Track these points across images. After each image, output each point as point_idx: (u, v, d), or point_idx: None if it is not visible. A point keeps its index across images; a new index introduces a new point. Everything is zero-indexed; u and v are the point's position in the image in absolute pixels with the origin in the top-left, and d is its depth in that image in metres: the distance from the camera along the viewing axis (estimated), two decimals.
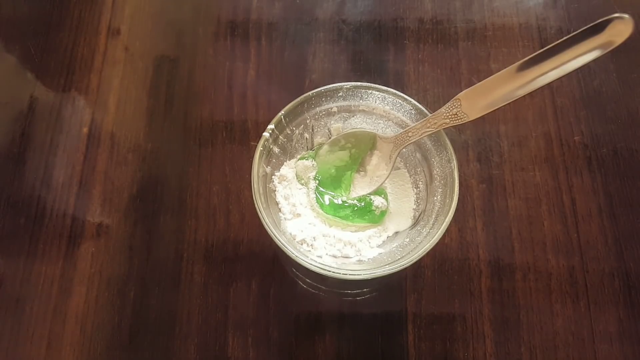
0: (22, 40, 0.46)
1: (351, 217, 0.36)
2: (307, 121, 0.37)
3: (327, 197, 0.36)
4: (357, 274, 0.30)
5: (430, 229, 0.33)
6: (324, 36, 0.46)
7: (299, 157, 0.37)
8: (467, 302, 0.37)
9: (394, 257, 0.32)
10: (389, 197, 0.37)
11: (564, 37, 0.26)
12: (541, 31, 0.46)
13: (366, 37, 0.46)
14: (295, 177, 0.37)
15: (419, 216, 0.35)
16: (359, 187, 0.37)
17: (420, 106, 0.34)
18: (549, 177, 0.40)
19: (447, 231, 0.36)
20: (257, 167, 0.33)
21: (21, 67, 0.45)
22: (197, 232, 0.39)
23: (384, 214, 0.36)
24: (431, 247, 0.30)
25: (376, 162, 0.37)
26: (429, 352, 0.35)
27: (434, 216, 0.33)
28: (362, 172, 0.38)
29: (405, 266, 0.30)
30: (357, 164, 0.38)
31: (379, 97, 0.36)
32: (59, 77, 0.45)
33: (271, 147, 0.35)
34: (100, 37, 0.46)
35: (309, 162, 0.37)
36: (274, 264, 0.38)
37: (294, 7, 0.47)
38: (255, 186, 0.32)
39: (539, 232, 0.39)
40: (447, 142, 0.33)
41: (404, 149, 0.36)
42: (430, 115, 0.33)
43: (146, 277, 0.38)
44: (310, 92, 0.35)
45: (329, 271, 0.30)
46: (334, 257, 0.34)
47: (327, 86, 0.35)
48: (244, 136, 0.42)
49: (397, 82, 0.44)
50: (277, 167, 0.36)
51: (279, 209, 0.35)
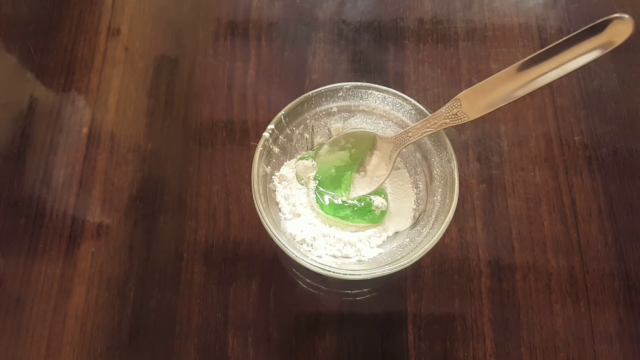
0: (22, 40, 0.46)
1: (351, 217, 0.36)
2: (307, 121, 0.37)
3: (327, 197, 0.36)
4: (357, 274, 0.30)
5: (430, 229, 0.33)
6: (324, 36, 0.46)
7: (299, 157, 0.37)
8: (467, 302, 0.37)
9: (394, 257, 0.32)
10: (389, 197, 0.37)
11: (564, 37, 0.26)
12: (541, 31, 0.46)
13: (366, 37, 0.46)
14: (295, 177, 0.37)
15: (419, 216, 0.36)
16: (359, 187, 0.37)
17: (420, 106, 0.34)
18: (549, 177, 0.40)
19: (447, 231, 0.36)
20: (257, 167, 0.33)
21: (21, 67, 0.45)
22: (197, 232, 0.39)
23: (384, 214, 0.36)
24: (431, 247, 0.30)
25: (376, 162, 0.37)
26: (429, 352, 0.35)
27: (434, 216, 0.33)
28: (362, 172, 0.38)
29: (405, 266, 0.30)
30: (357, 164, 0.38)
31: (379, 97, 0.36)
32: (59, 77, 0.45)
33: (271, 147, 0.35)
34: (100, 37, 0.46)
35: (309, 162, 0.37)
36: (274, 264, 0.38)
37: (294, 7, 0.47)
38: (255, 186, 0.32)
39: (539, 232, 0.39)
40: (447, 142, 0.33)
41: (404, 149, 0.36)
42: (430, 115, 0.33)
43: (146, 277, 0.38)
44: (310, 92, 0.35)
45: (329, 271, 0.30)
46: (334, 257, 0.34)
47: (327, 86, 0.35)
48: (244, 136, 0.42)
49: (397, 82, 0.44)
50: (277, 167, 0.36)
51: (279, 209, 0.35)
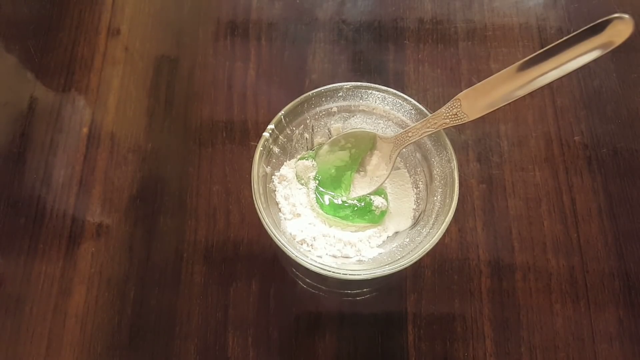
0: (22, 40, 0.46)
1: (351, 217, 0.36)
2: (307, 121, 0.36)
3: (327, 197, 0.36)
4: (357, 274, 0.30)
5: (430, 229, 0.33)
6: (324, 36, 0.46)
7: (299, 157, 0.37)
8: (467, 302, 0.37)
9: (394, 257, 0.32)
10: (389, 197, 0.37)
11: (564, 37, 0.26)
12: (541, 31, 0.46)
13: (366, 37, 0.46)
14: (295, 177, 0.37)
15: (419, 216, 0.36)
16: (359, 187, 0.37)
17: (420, 106, 0.34)
18: (549, 177, 0.40)
19: (447, 231, 0.36)
20: (257, 167, 0.33)
21: (21, 67, 0.45)
22: (197, 232, 0.39)
23: (384, 214, 0.36)
24: (431, 247, 0.30)
25: (376, 162, 0.37)
26: (429, 352, 0.35)
27: (434, 216, 0.33)
28: (362, 172, 0.38)
29: (405, 266, 0.30)
30: (357, 164, 0.38)
31: (379, 97, 0.36)
32: (59, 77, 0.45)
33: (271, 147, 0.35)
34: (100, 37, 0.46)
35: (309, 162, 0.37)
36: (274, 264, 0.38)
37: (294, 7, 0.47)
38: (255, 186, 0.32)
39: (539, 232, 0.39)
40: (447, 142, 0.33)
41: (404, 149, 0.36)
42: (430, 115, 0.33)
43: (146, 277, 0.38)
44: (310, 92, 0.35)
45: (329, 271, 0.30)
46: (334, 257, 0.34)
47: (327, 86, 0.35)
48: (244, 136, 0.42)
49: (397, 82, 0.44)
50: (277, 167, 0.36)
51: (279, 209, 0.35)
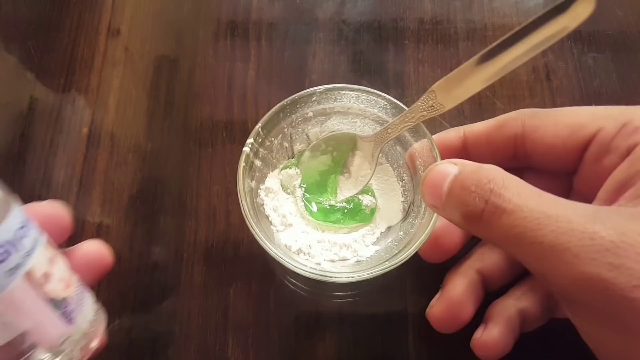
0: (22, 40, 0.46)
1: (342, 220, 0.36)
2: (285, 130, 0.36)
3: (314, 203, 0.36)
4: (359, 276, 0.30)
5: (422, 220, 0.33)
6: (324, 36, 0.46)
7: (281, 167, 0.37)
8: None
9: (391, 252, 0.33)
10: (376, 194, 0.37)
11: (528, 20, 0.28)
12: None
13: (366, 37, 0.46)
14: (280, 188, 0.37)
15: (409, 208, 0.36)
16: (346, 189, 0.37)
17: (395, 100, 0.35)
18: None
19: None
20: (243, 184, 0.32)
21: (21, 67, 0.45)
22: (197, 233, 0.39)
23: (374, 211, 0.36)
24: (426, 237, 0.30)
25: (359, 162, 0.37)
26: (429, 352, 0.35)
27: (423, 206, 0.33)
28: (347, 174, 0.38)
29: (403, 261, 0.30)
30: (340, 166, 0.38)
31: (352, 97, 0.36)
32: (59, 77, 0.45)
33: (253, 161, 0.34)
34: (100, 37, 0.46)
35: (292, 171, 0.37)
36: (274, 265, 0.38)
37: (294, 7, 0.47)
38: (243, 203, 0.32)
39: None
40: (427, 132, 0.33)
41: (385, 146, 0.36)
42: (407, 109, 0.33)
43: (146, 278, 0.38)
44: (284, 101, 0.35)
45: (330, 277, 0.30)
46: (332, 261, 0.34)
47: (300, 92, 0.35)
48: (244, 136, 0.42)
49: (397, 82, 0.44)
50: (261, 179, 0.36)
51: (270, 222, 0.35)
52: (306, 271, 0.30)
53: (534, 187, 0.25)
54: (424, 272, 0.38)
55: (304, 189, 0.37)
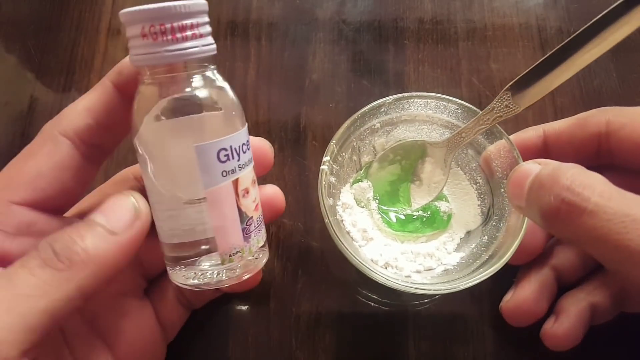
0: (22, 40, 0.46)
1: (421, 229, 0.36)
2: (354, 143, 0.36)
3: (392, 215, 0.36)
4: (455, 287, 0.29)
5: (508, 223, 0.32)
6: (324, 36, 0.46)
7: (352, 181, 0.37)
8: (467, 301, 0.37)
9: (479, 258, 0.32)
10: (449, 199, 0.37)
11: (602, 14, 0.27)
12: (541, 31, 0.46)
13: (366, 37, 0.46)
14: (355, 202, 0.36)
15: (489, 211, 0.35)
16: (419, 197, 0.37)
17: (467, 104, 0.34)
18: None
19: None
20: (324, 203, 0.32)
21: (21, 67, 0.45)
22: None
23: (450, 217, 0.36)
24: (520, 241, 0.30)
25: (430, 169, 0.37)
26: (429, 352, 0.35)
27: (507, 209, 0.33)
28: (418, 182, 0.37)
29: (501, 266, 0.30)
30: (410, 174, 0.37)
31: (421, 104, 0.35)
32: (59, 77, 0.45)
33: (329, 178, 0.34)
34: (100, 37, 0.46)
35: (364, 184, 0.36)
36: (274, 264, 0.38)
37: (294, 7, 0.47)
38: (330, 224, 0.31)
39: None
40: (504, 133, 0.33)
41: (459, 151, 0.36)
42: (481, 112, 0.32)
43: None
44: (354, 115, 0.34)
45: (429, 290, 0.30)
46: (418, 272, 0.33)
47: (369, 105, 0.35)
48: None
49: (397, 82, 0.44)
50: (337, 196, 0.35)
51: (352, 238, 0.34)
52: (404, 286, 0.30)
53: (616, 187, 0.24)
54: None
55: (378, 200, 0.36)
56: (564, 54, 0.29)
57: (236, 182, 0.25)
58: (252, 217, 0.26)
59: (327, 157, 0.33)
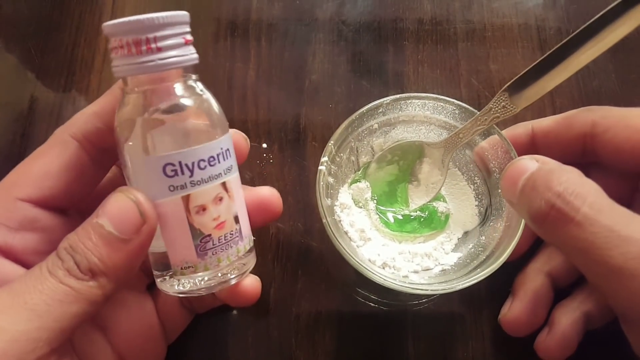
0: (22, 40, 0.46)
1: (419, 229, 0.36)
2: (352, 144, 0.36)
3: (389, 215, 0.36)
4: (453, 286, 0.30)
5: (505, 223, 0.32)
6: (324, 37, 0.46)
7: (349, 181, 0.37)
8: (467, 301, 0.37)
9: (477, 258, 0.32)
10: (447, 199, 0.37)
11: (598, 15, 0.27)
12: (540, 32, 0.46)
13: (366, 37, 0.46)
14: (352, 202, 0.36)
15: (486, 212, 0.35)
16: (417, 198, 0.37)
17: (464, 105, 0.34)
18: None
19: None
20: (322, 204, 0.32)
21: (21, 67, 0.45)
22: None
23: (448, 217, 0.36)
24: (518, 240, 0.30)
25: (428, 170, 0.37)
26: (429, 352, 0.35)
27: (504, 209, 0.33)
28: (415, 182, 0.38)
29: (498, 266, 0.30)
30: (408, 175, 0.37)
31: (418, 105, 0.36)
32: (59, 77, 0.45)
33: (327, 179, 0.34)
34: (100, 37, 0.46)
35: (362, 184, 0.37)
36: (274, 264, 0.38)
37: (293, 8, 0.48)
38: (328, 224, 0.31)
39: None
40: (502, 133, 0.33)
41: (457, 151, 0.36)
42: (478, 113, 0.33)
43: None
44: (352, 116, 0.34)
45: (426, 290, 0.30)
46: (416, 272, 0.33)
47: (367, 105, 0.35)
48: None
49: (397, 83, 0.44)
50: (335, 196, 0.36)
51: (350, 238, 0.34)
52: (402, 287, 0.30)
53: (609, 200, 0.24)
54: None
55: (376, 201, 0.37)
56: (561, 55, 0.29)
57: (187, 198, 0.25)
58: (209, 234, 0.25)
59: (325, 158, 0.33)
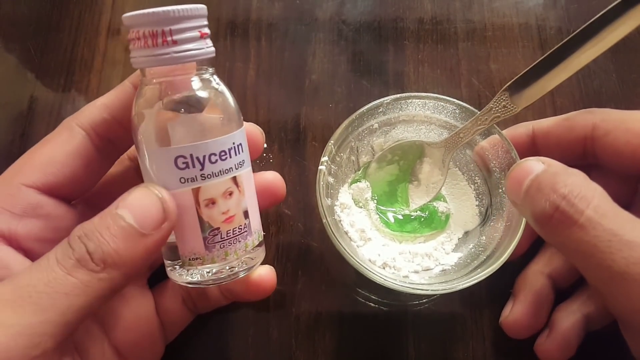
0: (22, 40, 0.46)
1: (419, 229, 0.36)
2: (352, 144, 0.36)
3: (390, 215, 0.36)
4: (460, 284, 0.29)
5: (505, 223, 0.32)
6: (324, 37, 0.46)
7: (350, 181, 0.37)
8: (467, 302, 0.37)
9: (477, 258, 0.32)
10: (447, 199, 0.37)
11: (599, 14, 0.27)
12: (541, 31, 0.46)
13: (366, 37, 0.46)
14: (353, 202, 0.36)
15: (487, 212, 0.35)
16: (417, 198, 0.37)
17: (464, 104, 0.34)
18: None
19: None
20: (322, 204, 0.32)
21: (21, 67, 0.45)
22: None
23: (448, 217, 0.36)
24: (518, 241, 0.30)
25: (428, 170, 0.37)
26: (429, 352, 0.35)
27: (505, 209, 0.33)
28: (416, 182, 0.37)
29: (499, 267, 0.30)
30: (408, 174, 0.37)
31: (419, 105, 0.35)
32: (59, 78, 0.45)
33: (327, 179, 0.34)
34: (100, 37, 0.46)
35: (362, 184, 0.36)
36: (274, 264, 0.38)
37: (294, 8, 0.47)
38: (328, 224, 0.31)
39: None
40: (502, 133, 0.33)
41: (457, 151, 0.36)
42: (479, 112, 0.33)
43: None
44: (352, 115, 0.34)
45: (426, 290, 0.30)
46: (416, 272, 0.33)
47: (367, 105, 0.35)
48: None
49: (397, 83, 0.44)
50: (335, 196, 0.36)
51: (350, 238, 0.34)
52: (402, 287, 0.30)
53: (613, 204, 0.24)
54: None
55: (376, 201, 0.37)
56: (561, 55, 0.29)
57: (197, 191, 0.25)
58: (218, 228, 0.26)
59: (325, 158, 0.33)
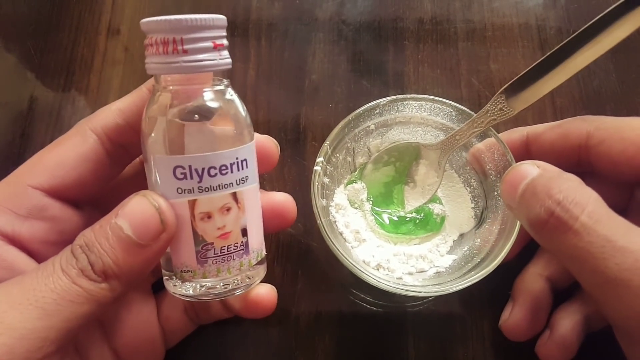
0: (22, 40, 0.46)
1: (414, 231, 0.36)
2: (348, 144, 0.36)
3: (385, 216, 0.36)
4: (454, 286, 0.29)
5: (500, 226, 0.32)
6: (324, 36, 0.46)
7: (345, 182, 0.37)
8: (467, 302, 0.37)
9: (471, 261, 0.32)
10: (443, 201, 0.37)
11: (598, 16, 0.27)
12: (541, 31, 0.46)
13: (366, 37, 0.46)
14: (348, 203, 0.36)
15: (482, 214, 0.35)
16: (413, 199, 0.37)
17: (461, 107, 0.34)
18: None
19: None
20: (317, 204, 0.32)
21: (21, 67, 0.45)
22: None
23: (443, 219, 0.36)
24: (512, 244, 0.30)
25: (424, 171, 0.37)
26: (429, 352, 0.35)
27: (500, 212, 0.33)
28: (412, 184, 0.38)
29: (492, 270, 0.30)
30: (404, 176, 0.37)
31: (415, 106, 0.36)
32: (59, 77, 0.45)
33: (323, 179, 0.34)
34: (100, 37, 0.46)
35: (358, 185, 0.36)
36: (273, 264, 0.38)
37: (293, 8, 0.47)
38: (322, 225, 0.31)
39: None
40: (498, 136, 0.33)
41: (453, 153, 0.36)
42: (475, 115, 0.33)
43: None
44: (349, 116, 0.34)
45: (420, 292, 0.30)
46: (410, 274, 0.33)
47: (364, 106, 0.35)
48: None
49: (397, 83, 0.44)
50: (330, 197, 0.36)
51: (344, 239, 0.34)
52: (395, 288, 0.30)
53: (608, 209, 0.24)
54: None
55: (371, 202, 0.37)
56: (558, 58, 0.29)
57: (193, 203, 0.24)
58: (211, 243, 0.25)
59: (320, 158, 0.33)
